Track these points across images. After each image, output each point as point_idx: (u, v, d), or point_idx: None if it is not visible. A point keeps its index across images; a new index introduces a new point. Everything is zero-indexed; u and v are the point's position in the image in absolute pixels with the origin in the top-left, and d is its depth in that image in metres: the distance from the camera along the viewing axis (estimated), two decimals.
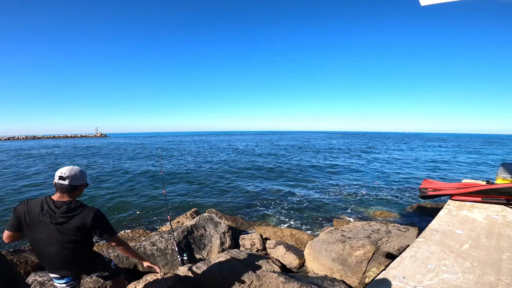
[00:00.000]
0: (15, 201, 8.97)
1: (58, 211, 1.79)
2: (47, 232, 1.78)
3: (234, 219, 6.62)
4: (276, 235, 5.40)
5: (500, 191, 4.93)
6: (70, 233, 1.80)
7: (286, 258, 4.12)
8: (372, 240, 3.74)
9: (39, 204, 1.80)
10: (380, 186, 11.17)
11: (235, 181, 12.37)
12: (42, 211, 1.78)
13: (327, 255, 3.70)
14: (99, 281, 2.84)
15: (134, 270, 3.61)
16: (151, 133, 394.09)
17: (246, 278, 3.07)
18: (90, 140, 66.27)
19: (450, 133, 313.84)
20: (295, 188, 10.87)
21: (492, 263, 2.79)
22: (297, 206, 8.36)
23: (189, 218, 6.03)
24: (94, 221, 1.86)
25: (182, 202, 8.96)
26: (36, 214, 1.78)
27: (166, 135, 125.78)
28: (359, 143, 45.91)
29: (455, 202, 5.20)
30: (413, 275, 2.58)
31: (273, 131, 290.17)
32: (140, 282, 2.70)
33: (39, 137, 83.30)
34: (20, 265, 3.52)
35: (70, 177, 1.84)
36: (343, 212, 7.74)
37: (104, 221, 1.97)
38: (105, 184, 11.87)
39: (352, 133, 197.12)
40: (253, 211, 7.93)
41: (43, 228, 1.78)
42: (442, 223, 4.07)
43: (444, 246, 3.23)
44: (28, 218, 1.78)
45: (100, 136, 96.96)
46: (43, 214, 1.77)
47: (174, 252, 3.89)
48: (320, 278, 3.38)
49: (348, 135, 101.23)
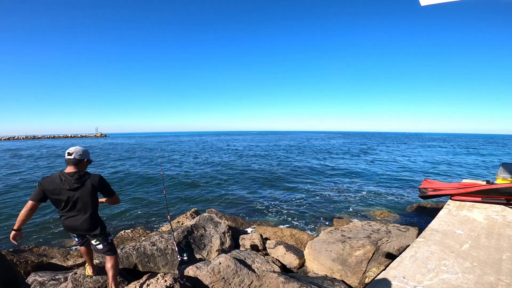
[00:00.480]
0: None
1: (72, 179, 2.40)
2: (67, 195, 2.40)
3: (234, 219, 6.62)
4: (276, 235, 5.40)
5: (500, 191, 4.93)
6: (84, 194, 2.45)
7: (286, 258, 4.12)
8: (372, 240, 3.74)
9: (57, 177, 2.41)
10: (380, 186, 11.17)
11: (235, 181, 12.37)
12: (61, 181, 2.39)
13: (327, 255, 3.70)
14: (99, 281, 2.84)
15: (134, 270, 3.61)
16: (151, 133, 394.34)
17: (246, 278, 3.08)
18: (89, 140, 66.24)
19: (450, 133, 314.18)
20: (295, 188, 10.88)
21: (492, 263, 2.79)
22: (297, 206, 8.36)
23: (189, 218, 6.03)
24: (101, 183, 2.55)
25: (182, 202, 8.95)
26: (57, 184, 2.38)
27: (166, 135, 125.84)
28: (359, 143, 45.91)
29: (455, 202, 5.20)
30: (413, 275, 2.58)
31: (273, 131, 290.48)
32: (140, 282, 2.70)
33: (39, 137, 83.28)
34: (20, 265, 3.52)
35: (75, 152, 2.47)
36: (343, 212, 7.74)
37: (107, 183, 2.62)
38: None
39: (352, 133, 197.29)
40: (253, 211, 7.93)
41: (65, 194, 2.40)
42: (442, 223, 4.07)
43: (444, 246, 3.23)
44: (52, 188, 2.37)
45: (100, 136, 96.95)
46: (63, 183, 2.38)
47: (174, 252, 3.89)
48: (320, 278, 3.38)
49: (348, 135, 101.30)
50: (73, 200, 2.41)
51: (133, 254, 3.71)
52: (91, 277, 2.89)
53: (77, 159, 2.47)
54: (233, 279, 3.06)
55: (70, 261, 4.09)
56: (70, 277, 2.85)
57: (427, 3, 2.24)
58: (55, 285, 2.91)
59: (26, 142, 56.32)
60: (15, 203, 8.71)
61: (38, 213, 7.70)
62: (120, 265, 3.55)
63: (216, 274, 3.08)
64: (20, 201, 8.86)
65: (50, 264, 3.88)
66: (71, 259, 4.17)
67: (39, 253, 4.21)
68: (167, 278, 2.67)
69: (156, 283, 2.61)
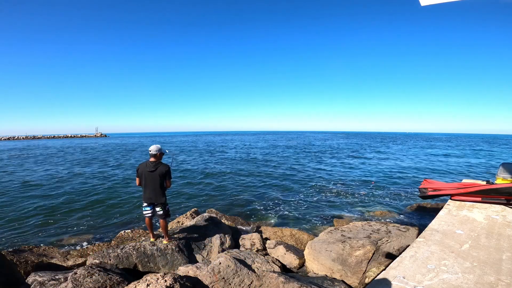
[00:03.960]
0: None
1: (151, 165, 3.84)
2: (147, 175, 3.84)
3: (234, 219, 6.61)
4: (276, 235, 5.40)
5: (500, 191, 4.93)
6: (156, 177, 3.82)
7: (286, 258, 4.12)
8: (372, 240, 3.74)
9: (146, 163, 3.89)
10: (380, 186, 11.17)
11: (235, 181, 12.37)
12: (146, 166, 3.85)
13: (327, 255, 3.70)
14: (99, 282, 2.84)
15: (134, 270, 3.61)
16: (151, 133, 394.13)
17: (246, 278, 3.08)
18: (88, 140, 66.22)
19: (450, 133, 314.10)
20: (295, 188, 10.87)
21: (492, 263, 2.79)
22: (297, 206, 8.36)
23: (189, 218, 6.02)
24: (166, 171, 3.88)
25: (182, 202, 8.96)
26: (144, 168, 3.87)
27: (166, 135, 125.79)
28: (360, 143, 45.92)
29: (455, 202, 5.21)
30: (413, 275, 2.58)
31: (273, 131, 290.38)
32: (140, 282, 2.70)
33: (39, 137, 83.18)
34: (20, 265, 3.52)
35: (153, 149, 3.90)
36: (343, 212, 7.74)
37: (170, 172, 3.94)
38: (106, 184, 11.86)
39: (352, 133, 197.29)
40: (253, 211, 7.93)
41: (147, 174, 3.84)
42: (442, 223, 4.08)
43: (444, 246, 3.23)
44: (142, 170, 3.88)
45: (100, 136, 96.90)
46: (147, 167, 3.85)
47: (174, 252, 3.90)
48: (320, 278, 3.38)
49: (349, 135, 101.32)
50: (149, 179, 3.83)
51: (133, 254, 3.71)
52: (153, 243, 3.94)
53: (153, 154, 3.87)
54: (233, 279, 3.06)
55: (70, 261, 4.09)
56: (70, 277, 2.85)
57: (427, 3, 2.24)
58: (55, 285, 2.91)
59: (27, 142, 56.29)
60: (15, 203, 8.72)
61: (38, 213, 7.70)
62: (120, 265, 3.56)
63: (216, 274, 3.08)
64: (18, 201, 8.87)
65: (50, 264, 3.88)
66: (71, 259, 4.17)
67: (39, 253, 4.21)
68: (167, 278, 2.67)
69: (156, 283, 2.61)
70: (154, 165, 3.81)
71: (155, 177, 3.79)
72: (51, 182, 12.27)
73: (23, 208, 8.17)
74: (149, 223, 4.10)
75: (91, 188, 10.92)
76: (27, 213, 7.66)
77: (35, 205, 8.41)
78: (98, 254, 3.64)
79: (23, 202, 8.83)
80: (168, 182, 3.93)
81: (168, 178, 3.91)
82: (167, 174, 3.86)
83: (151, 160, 3.87)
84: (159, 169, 3.79)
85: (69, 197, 9.53)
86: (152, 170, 3.78)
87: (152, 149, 3.89)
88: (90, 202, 8.84)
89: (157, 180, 3.80)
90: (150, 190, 3.85)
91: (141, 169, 3.87)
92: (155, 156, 3.87)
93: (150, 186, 3.84)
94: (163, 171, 3.82)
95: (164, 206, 3.95)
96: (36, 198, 9.30)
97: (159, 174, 3.80)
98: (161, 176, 3.81)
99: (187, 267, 3.35)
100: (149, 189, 3.85)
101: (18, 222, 6.97)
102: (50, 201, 8.93)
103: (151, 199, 3.90)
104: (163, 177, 3.84)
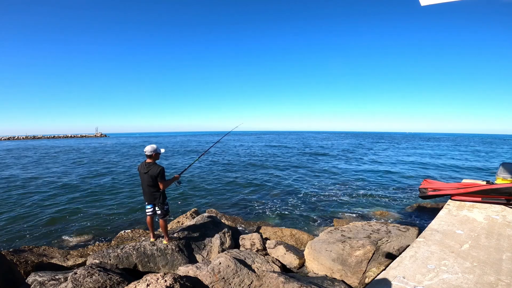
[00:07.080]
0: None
1: (146, 166, 3.84)
2: (142, 176, 3.90)
3: (234, 219, 6.62)
4: (276, 235, 5.40)
5: (500, 191, 4.93)
6: (148, 178, 3.81)
7: (286, 258, 4.12)
8: (372, 240, 3.74)
9: (142, 164, 3.92)
10: (380, 186, 11.17)
11: (235, 181, 12.37)
12: (142, 167, 3.89)
13: (327, 255, 3.70)
14: (99, 282, 2.84)
15: (134, 270, 3.61)
16: (152, 133, 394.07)
17: (246, 278, 3.08)
18: (90, 140, 66.23)
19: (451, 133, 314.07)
20: (295, 188, 10.87)
21: (492, 263, 2.79)
22: (297, 206, 8.36)
23: (189, 218, 6.02)
24: (158, 172, 3.79)
25: (182, 202, 8.96)
26: (140, 169, 3.93)
27: (166, 135, 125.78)
28: (360, 143, 45.92)
29: (455, 202, 5.21)
30: (413, 275, 2.58)
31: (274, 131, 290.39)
32: (140, 282, 2.70)
33: (39, 137, 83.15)
34: (20, 265, 3.52)
35: (148, 150, 3.86)
36: (343, 212, 7.74)
37: (163, 174, 3.84)
38: (106, 184, 11.87)
39: (353, 133, 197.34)
40: (253, 211, 7.93)
41: (142, 175, 3.90)
42: (442, 223, 4.08)
43: (444, 246, 3.23)
44: (139, 171, 3.96)
45: (100, 136, 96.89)
46: (143, 168, 3.88)
47: (174, 252, 3.89)
48: (320, 278, 3.38)
49: (349, 135, 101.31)
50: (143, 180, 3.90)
51: (133, 254, 3.71)
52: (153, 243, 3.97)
53: (148, 154, 3.86)
54: (233, 279, 3.07)
55: (70, 261, 4.10)
56: (70, 277, 2.84)
57: (427, 3, 2.24)
58: (55, 285, 2.91)
59: (28, 142, 56.30)
60: (15, 203, 8.72)
61: (38, 213, 7.71)
62: (120, 265, 3.56)
63: (216, 274, 3.08)
64: (18, 201, 8.87)
65: (50, 264, 3.88)
66: (71, 259, 4.18)
67: (39, 253, 4.22)
68: (167, 278, 2.67)
69: (156, 283, 2.61)
70: (148, 166, 3.80)
71: (147, 178, 3.80)
72: (51, 182, 12.28)
73: (23, 208, 8.18)
74: (150, 222, 4.11)
75: (91, 188, 10.93)
76: (27, 213, 7.67)
77: (35, 205, 8.42)
78: (98, 254, 3.64)
79: (23, 202, 8.83)
80: (160, 183, 3.85)
81: (161, 180, 3.83)
82: (159, 175, 3.80)
83: (146, 161, 3.88)
84: (151, 171, 3.77)
85: (69, 197, 9.54)
86: (145, 171, 3.79)
87: (147, 150, 3.86)
88: (90, 202, 8.85)
89: (149, 181, 3.80)
90: (145, 191, 3.94)
91: (139, 170, 3.97)
92: (150, 157, 3.87)
93: (144, 187, 3.92)
94: (155, 172, 3.78)
95: (162, 206, 3.95)
96: (36, 198, 9.31)
97: (151, 175, 3.77)
98: (153, 178, 3.79)
99: (187, 267, 3.35)
100: (143, 190, 3.96)
101: (18, 222, 6.98)
102: (50, 201, 8.94)
103: (149, 199, 3.99)
104: (155, 178, 3.80)
